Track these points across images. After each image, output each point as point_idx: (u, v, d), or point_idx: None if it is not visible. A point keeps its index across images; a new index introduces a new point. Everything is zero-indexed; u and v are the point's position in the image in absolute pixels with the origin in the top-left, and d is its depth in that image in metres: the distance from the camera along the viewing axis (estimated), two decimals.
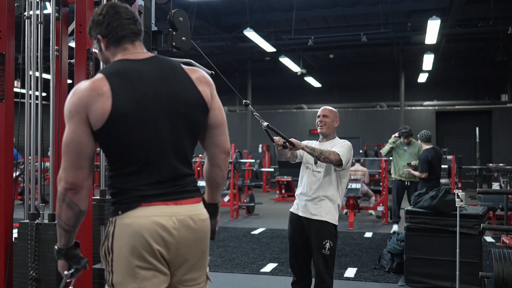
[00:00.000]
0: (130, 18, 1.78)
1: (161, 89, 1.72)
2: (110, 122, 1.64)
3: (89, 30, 1.82)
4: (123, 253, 1.68)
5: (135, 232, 1.67)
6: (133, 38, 1.79)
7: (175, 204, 1.72)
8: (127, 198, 1.70)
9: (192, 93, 1.78)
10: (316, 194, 3.35)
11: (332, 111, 3.55)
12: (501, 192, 6.36)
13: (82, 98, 1.65)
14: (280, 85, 18.80)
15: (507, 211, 6.95)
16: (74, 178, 1.67)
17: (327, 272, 3.30)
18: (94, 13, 1.80)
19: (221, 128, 1.87)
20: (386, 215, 8.81)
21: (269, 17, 12.37)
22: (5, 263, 2.86)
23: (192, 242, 1.75)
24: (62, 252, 1.78)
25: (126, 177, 1.71)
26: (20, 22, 2.98)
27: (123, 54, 1.78)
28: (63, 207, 1.69)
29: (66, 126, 1.68)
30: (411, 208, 4.76)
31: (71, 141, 1.67)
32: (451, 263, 4.38)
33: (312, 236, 3.34)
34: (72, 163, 1.67)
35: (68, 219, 1.70)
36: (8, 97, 2.91)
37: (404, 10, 12.04)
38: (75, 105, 1.66)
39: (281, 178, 12.74)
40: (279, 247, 6.52)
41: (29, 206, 2.92)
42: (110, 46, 1.79)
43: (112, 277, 1.71)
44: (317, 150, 3.29)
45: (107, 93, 1.65)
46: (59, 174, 1.69)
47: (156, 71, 1.75)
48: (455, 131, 17.11)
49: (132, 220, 1.68)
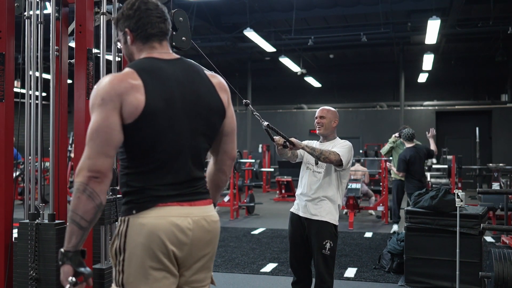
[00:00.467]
0: (160, 16, 1.77)
1: (187, 90, 1.74)
2: (142, 118, 1.62)
3: (116, 21, 1.81)
4: (136, 253, 1.66)
5: (151, 232, 1.65)
6: (161, 37, 1.79)
7: (190, 205, 1.73)
8: (142, 197, 1.68)
9: (213, 98, 1.81)
10: (316, 195, 3.35)
11: (330, 111, 3.52)
12: (501, 192, 6.36)
13: (116, 87, 1.61)
14: (280, 85, 18.80)
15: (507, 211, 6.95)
16: (101, 166, 1.58)
17: (327, 272, 3.30)
18: (125, 5, 1.78)
19: (232, 136, 1.91)
20: (386, 215, 8.82)
21: (269, 17, 12.37)
22: (5, 263, 2.86)
23: (204, 243, 1.76)
24: (69, 255, 1.60)
25: (143, 175, 1.69)
26: (20, 22, 2.98)
27: (149, 52, 1.77)
28: (82, 198, 1.56)
29: (95, 113, 1.61)
30: (411, 208, 4.76)
31: (101, 127, 1.59)
32: (451, 263, 4.38)
33: (312, 236, 3.34)
34: (99, 150, 1.59)
35: (86, 212, 1.57)
36: (8, 97, 2.91)
37: (404, 10, 12.04)
38: (108, 93, 1.61)
39: (281, 178, 12.74)
40: (279, 247, 6.52)
41: (29, 206, 2.92)
42: (136, 41, 1.78)
43: (123, 277, 1.68)
44: (317, 150, 3.29)
45: (141, 88, 1.64)
46: (80, 164, 1.59)
47: (182, 72, 1.76)
48: (455, 131, 17.12)
49: (147, 220, 1.66)
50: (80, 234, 1.59)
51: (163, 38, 1.79)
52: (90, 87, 2.84)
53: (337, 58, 17.13)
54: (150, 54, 1.77)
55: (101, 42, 3.01)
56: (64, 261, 1.60)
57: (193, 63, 1.84)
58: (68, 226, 1.60)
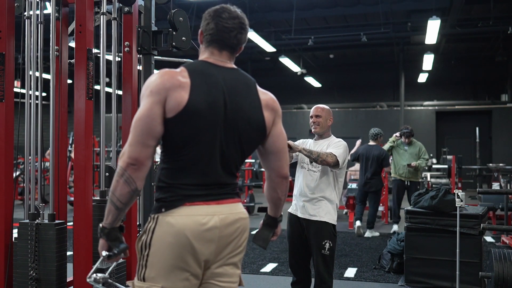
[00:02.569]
0: (228, 27, 1.81)
1: (230, 100, 1.78)
2: (182, 114, 1.69)
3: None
4: (161, 250, 1.71)
5: (178, 231, 1.70)
6: (222, 47, 1.84)
7: (217, 203, 1.77)
8: (171, 196, 1.73)
9: (256, 114, 1.84)
10: (314, 195, 3.35)
11: (324, 109, 3.53)
12: (501, 192, 6.35)
13: (164, 82, 1.70)
14: (280, 85, 18.77)
15: (507, 211, 6.95)
16: (139, 154, 1.67)
17: (327, 272, 3.31)
18: (209, 10, 1.88)
19: (279, 154, 1.94)
20: (386, 215, 8.81)
21: (269, 17, 12.36)
22: (5, 263, 2.86)
23: (231, 240, 1.80)
24: (105, 231, 1.75)
25: (174, 172, 1.75)
26: (20, 22, 2.98)
27: (207, 57, 1.84)
28: (120, 182, 1.67)
29: (142, 103, 1.71)
30: (411, 208, 4.76)
31: (144, 117, 1.69)
32: (451, 263, 4.38)
33: (311, 236, 3.34)
34: (139, 139, 1.68)
35: (122, 195, 1.69)
36: (8, 97, 2.91)
37: (404, 10, 12.04)
38: (157, 86, 1.70)
39: None
40: (279, 247, 6.52)
41: (29, 206, 2.92)
42: (203, 42, 1.87)
43: (145, 271, 1.73)
44: (314, 153, 3.30)
45: (187, 87, 1.71)
46: (123, 150, 1.69)
47: (231, 82, 1.81)
48: (455, 131, 17.11)
49: (175, 219, 1.71)
50: (116, 213, 1.73)
51: (224, 48, 1.84)
52: (90, 87, 2.84)
53: (337, 58, 17.13)
54: (208, 58, 1.84)
55: (101, 42, 3.01)
56: (101, 235, 1.76)
57: (247, 76, 1.89)
58: (107, 204, 1.73)
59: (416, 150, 7.59)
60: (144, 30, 3.16)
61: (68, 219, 3.06)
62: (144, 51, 3.15)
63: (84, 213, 2.77)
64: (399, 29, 12.89)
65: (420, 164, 7.54)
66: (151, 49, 3.15)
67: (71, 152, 10.63)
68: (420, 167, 7.60)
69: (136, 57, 3.17)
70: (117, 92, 3.14)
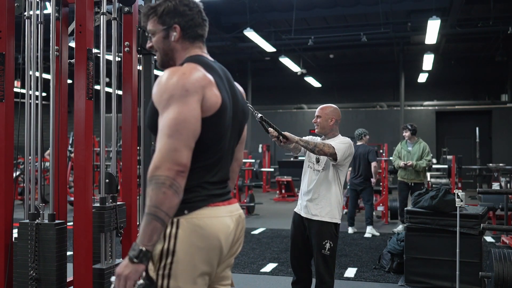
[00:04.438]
0: (205, 20, 1.80)
1: (232, 93, 1.75)
2: (218, 113, 1.61)
3: (161, 14, 1.73)
4: (188, 257, 1.57)
5: (210, 235, 1.59)
6: (203, 39, 1.80)
7: (229, 203, 1.73)
8: (193, 196, 1.61)
9: (245, 104, 1.85)
10: (316, 194, 3.35)
11: (324, 109, 3.47)
12: (501, 192, 6.35)
13: (199, 80, 1.58)
14: (280, 85, 18.79)
15: (507, 211, 6.95)
16: (187, 159, 1.51)
17: (328, 272, 3.30)
18: (178, 1, 1.73)
19: (243, 144, 1.95)
20: (386, 215, 8.81)
21: (269, 17, 12.36)
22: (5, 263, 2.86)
23: (237, 240, 1.76)
24: (149, 254, 1.50)
25: (200, 171, 1.64)
26: (20, 22, 2.98)
27: (199, 52, 1.77)
28: (169, 193, 1.46)
29: (177, 104, 1.52)
30: (411, 208, 4.76)
31: (190, 118, 1.53)
32: (451, 263, 4.38)
33: (312, 236, 3.34)
34: (186, 143, 1.51)
35: (171, 208, 1.48)
36: (8, 97, 2.91)
37: (404, 10, 12.03)
38: (193, 85, 1.56)
39: (281, 178, 12.73)
40: (279, 247, 6.52)
41: (29, 206, 2.92)
42: (184, 40, 1.75)
43: (169, 282, 1.56)
44: (311, 143, 3.28)
45: (215, 84, 1.63)
46: (160, 156, 1.48)
47: (225, 75, 1.77)
48: (455, 131, 17.11)
49: (203, 221, 1.59)
50: (161, 231, 1.51)
51: (204, 40, 1.81)
52: (90, 87, 2.84)
53: (337, 58, 17.13)
54: (201, 53, 1.76)
55: (101, 42, 3.01)
56: (143, 261, 1.49)
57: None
58: (150, 223, 1.48)
59: (419, 150, 7.55)
60: (144, 30, 3.16)
61: (68, 219, 3.06)
62: (144, 51, 3.14)
63: (84, 213, 2.77)
64: (399, 29, 12.89)
65: (420, 164, 7.40)
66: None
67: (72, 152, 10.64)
68: (420, 167, 7.43)
69: (136, 57, 3.17)
70: (117, 92, 3.14)
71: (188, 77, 1.57)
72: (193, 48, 1.76)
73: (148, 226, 1.48)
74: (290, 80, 17.79)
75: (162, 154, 1.49)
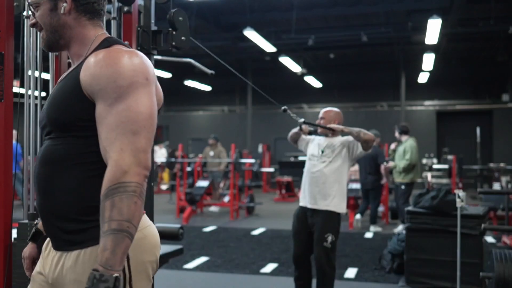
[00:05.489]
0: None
1: None
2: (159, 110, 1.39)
3: None
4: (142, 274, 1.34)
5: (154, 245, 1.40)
6: (102, 18, 1.46)
7: None
8: None
9: None
10: (320, 186, 3.49)
11: (329, 112, 3.70)
12: (502, 192, 6.35)
13: (151, 68, 1.32)
14: (280, 85, 18.76)
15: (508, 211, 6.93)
16: (150, 162, 1.26)
17: (329, 264, 3.38)
18: None
19: None
20: (386, 215, 8.80)
21: (269, 16, 12.36)
22: (5, 263, 2.86)
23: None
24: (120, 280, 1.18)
25: None
26: (20, 21, 2.98)
27: (97, 31, 1.43)
28: (139, 204, 1.21)
29: (140, 94, 1.25)
30: (411, 208, 4.76)
31: (154, 113, 1.27)
32: (452, 263, 4.37)
33: (316, 227, 3.46)
34: (151, 142, 1.27)
35: (139, 221, 1.23)
36: (7, 97, 2.90)
37: (405, 9, 12.02)
38: (151, 73, 1.30)
39: (282, 178, 12.73)
40: (279, 248, 6.51)
41: (28, 206, 2.91)
42: (78, 14, 1.40)
43: None
44: (355, 130, 3.43)
45: None
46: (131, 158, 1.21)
47: None
48: (456, 131, 17.10)
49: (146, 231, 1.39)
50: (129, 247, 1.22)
51: (103, 19, 1.46)
52: None
53: (337, 58, 17.11)
54: (105, 34, 1.44)
55: None
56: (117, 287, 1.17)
57: None
58: (123, 241, 1.19)
59: (402, 150, 7.58)
60: (144, 30, 3.15)
61: None
62: (144, 50, 3.14)
63: None
64: (400, 28, 12.88)
65: (399, 165, 7.41)
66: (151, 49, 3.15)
67: None
68: (399, 168, 7.42)
69: None
70: None
71: (147, 62, 1.31)
72: (92, 26, 1.42)
73: (119, 246, 1.17)
74: (290, 80, 17.78)
75: (128, 155, 1.21)
